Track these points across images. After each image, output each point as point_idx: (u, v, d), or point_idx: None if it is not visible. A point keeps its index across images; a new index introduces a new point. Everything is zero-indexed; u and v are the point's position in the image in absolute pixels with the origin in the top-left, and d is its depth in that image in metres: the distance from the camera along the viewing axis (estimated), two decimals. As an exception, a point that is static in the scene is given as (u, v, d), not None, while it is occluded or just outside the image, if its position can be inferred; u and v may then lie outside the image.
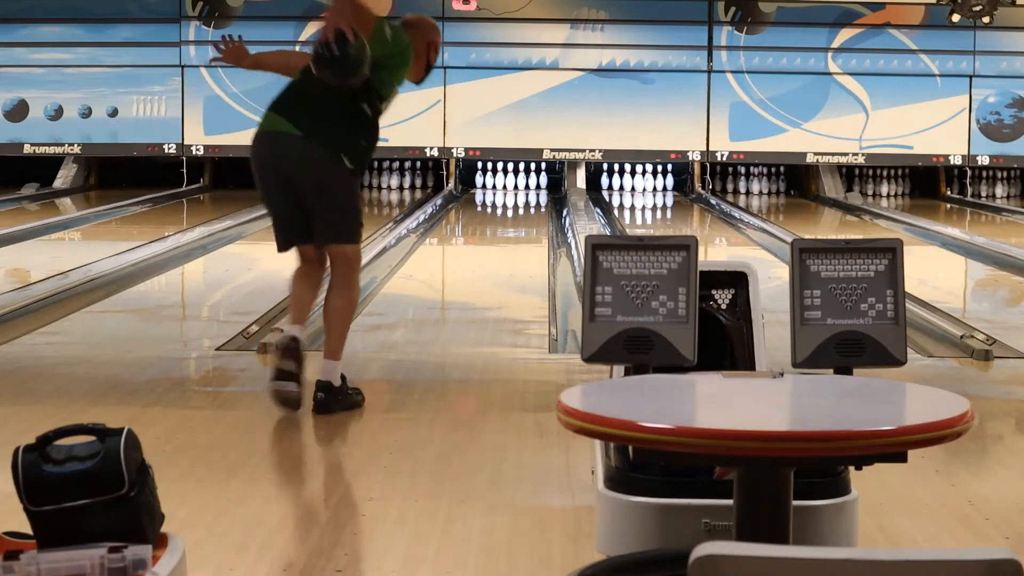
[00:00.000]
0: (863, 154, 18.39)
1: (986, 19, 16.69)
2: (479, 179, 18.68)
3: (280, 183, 5.89)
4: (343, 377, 5.88)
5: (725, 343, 4.11)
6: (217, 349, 7.23)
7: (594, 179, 18.49)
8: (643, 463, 3.50)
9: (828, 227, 15.91)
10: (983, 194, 18.74)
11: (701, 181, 18.53)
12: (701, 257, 3.90)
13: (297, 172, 5.86)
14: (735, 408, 3.07)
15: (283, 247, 6.03)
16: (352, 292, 6.00)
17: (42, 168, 18.19)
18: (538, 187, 18.57)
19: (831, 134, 18.33)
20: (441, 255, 13.16)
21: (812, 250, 3.87)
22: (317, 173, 5.87)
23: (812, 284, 3.84)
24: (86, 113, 18.37)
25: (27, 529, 3.01)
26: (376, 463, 5.05)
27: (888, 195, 18.82)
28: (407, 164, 18.53)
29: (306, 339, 5.99)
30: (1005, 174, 18.92)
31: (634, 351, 3.80)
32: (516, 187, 18.59)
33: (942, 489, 4.70)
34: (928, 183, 18.93)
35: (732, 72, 18.36)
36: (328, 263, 6.00)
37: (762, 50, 18.35)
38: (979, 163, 18.49)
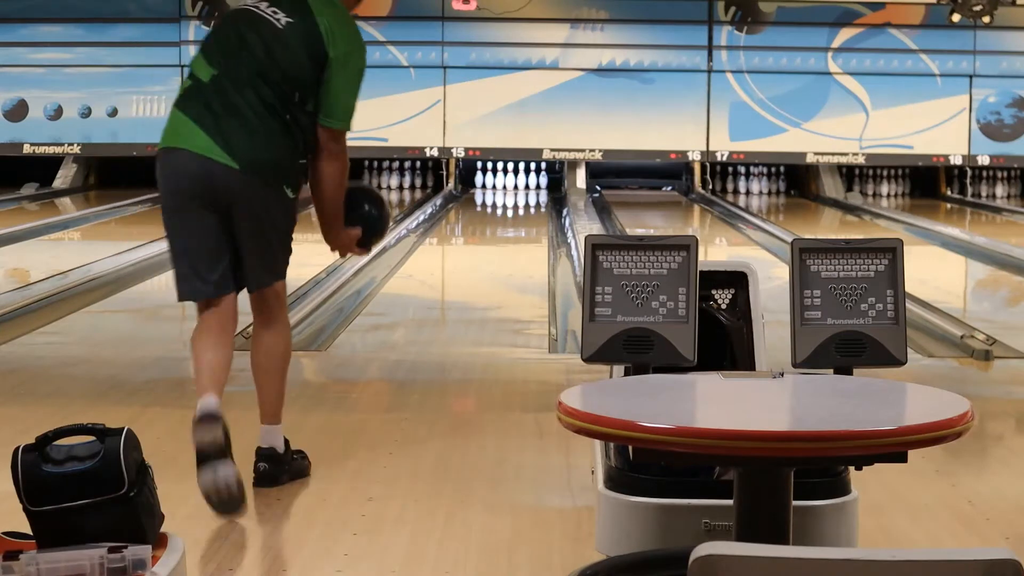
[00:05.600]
0: (863, 154, 18.39)
1: (986, 19, 16.69)
2: (479, 179, 18.68)
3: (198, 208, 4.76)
4: (286, 441, 4.87)
5: (725, 343, 4.11)
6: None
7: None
8: (643, 463, 3.50)
9: (828, 227, 15.90)
10: (983, 194, 18.73)
11: (701, 181, 18.53)
12: (701, 257, 3.90)
13: (227, 208, 4.73)
14: (735, 408, 3.07)
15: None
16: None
17: (42, 168, 18.19)
18: (538, 187, 18.57)
19: (831, 134, 18.33)
20: (441, 255, 13.16)
21: (812, 250, 3.87)
22: (249, 215, 4.74)
23: (812, 284, 3.84)
24: (86, 113, 18.37)
25: (27, 529, 3.01)
26: (376, 463, 5.05)
27: (888, 195, 18.82)
28: (407, 164, 18.53)
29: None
30: (1005, 174, 18.91)
31: (634, 351, 3.80)
32: (516, 187, 18.59)
33: (942, 489, 4.70)
34: (928, 183, 18.92)
35: (732, 72, 18.36)
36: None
37: (762, 50, 18.35)
38: (979, 163, 18.49)
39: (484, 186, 18.64)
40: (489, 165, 18.68)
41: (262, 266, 4.77)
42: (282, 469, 4.79)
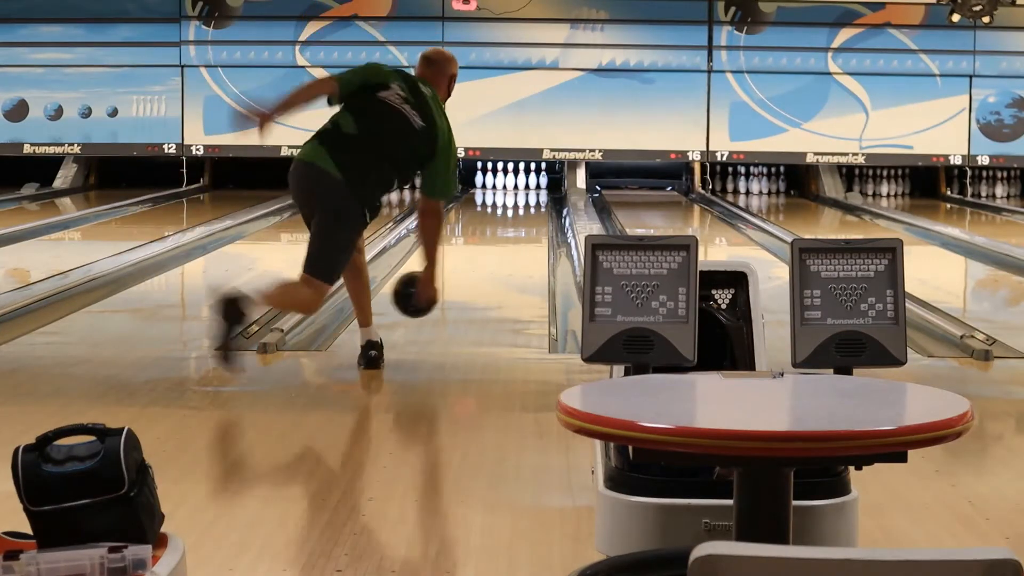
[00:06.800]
0: (863, 154, 18.39)
1: (986, 19, 16.69)
2: (479, 179, 18.69)
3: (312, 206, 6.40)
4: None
5: (725, 343, 4.11)
6: (217, 349, 7.23)
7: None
8: (643, 463, 3.50)
9: (828, 227, 15.91)
10: (983, 194, 18.74)
11: (701, 181, 18.53)
12: (701, 257, 3.89)
13: (320, 205, 6.33)
14: (735, 408, 3.07)
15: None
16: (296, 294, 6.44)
17: (42, 168, 18.20)
18: (538, 187, 18.57)
19: (831, 134, 18.33)
20: (441, 255, 13.15)
21: (812, 250, 3.87)
22: (333, 210, 6.30)
23: (812, 284, 3.84)
24: (86, 113, 18.38)
25: (27, 529, 3.01)
26: (376, 463, 5.05)
27: (888, 195, 18.82)
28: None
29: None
30: (1005, 174, 18.92)
31: (634, 351, 3.80)
32: (516, 187, 18.60)
33: (942, 489, 4.70)
34: (928, 183, 18.93)
35: (732, 72, 18.36)
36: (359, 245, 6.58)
37: (762, 50, 18.35)
38: (979, 163, 18.49)
39: (484, 186, 18.64)
40: (489, 165, 18.68)
41: (311, 250, 6.29)
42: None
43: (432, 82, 6.69)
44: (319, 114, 6.67)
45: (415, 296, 6.66)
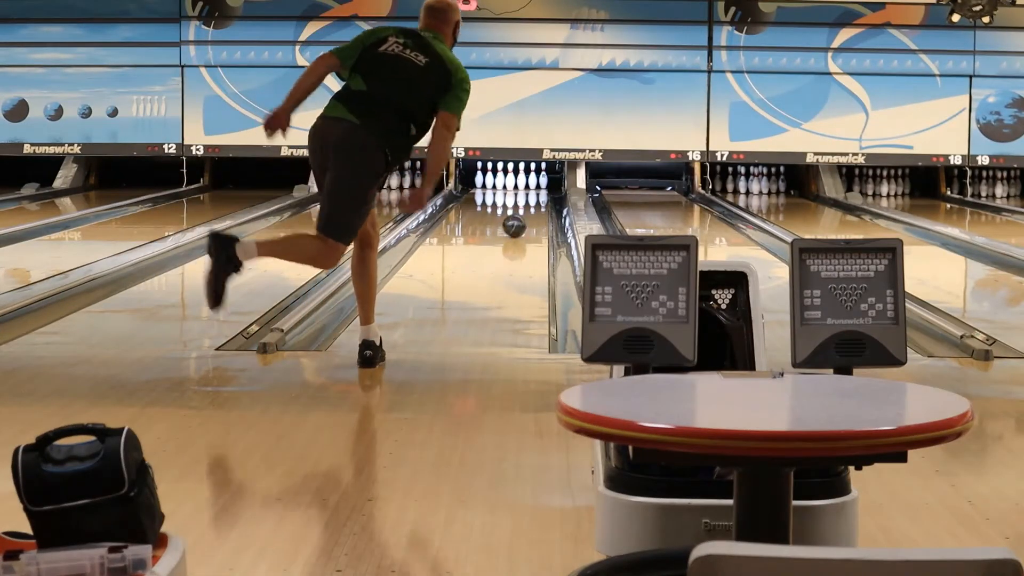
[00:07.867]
0: (863, 154, 18.39)
1: (986, 19, 16.69)
2: (479, 179, 18.69)
3: (325, 167, 6.41)
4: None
5: (725, 343, 4.11)
6: (217, 349, 7.23)
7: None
8: (643, 463, 3.50)
9: (828, 227, 15.91)
10: (983, 194, 18.74)
11: (701, 181, 18.53)
12: (701, 257, 3.90)
13: (335, 155, 6.34)
14: (735, 408, 3.07)
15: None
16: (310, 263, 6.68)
17: (42, 168, 18.20)
18: (538, 187, 18.57)
19: (831, 134, 18.33)
20: (441, 255, 13.16)
21: (812, 250, 3.87)
22: (349, 160, 6.35)
23: (812, 284, 3.84)
24: (86, 113, 18.38)
25: (27, 529, 3.01)
26: (376, 463, 5.05)
27: (888, 195, 18.82)
28: (407, 164, 18.52)
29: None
30: (1005, 174, 18.92)
31: (634, 351, 3.80)
32: (516, 187, 18.60)
33: (942, 489, 4.70)
34: (928, 183, 18.93)
35: (732, 72, 18.36)
36: (372, 241, 6.66)
37: (762, 50, 18.35)
38: (979, 163, 18.49)
39: (484, 186, 18.64)
40: (489, 165, 18.68)
41: (324, 209, 6.39)
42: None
43: (436, 30, 6.91)
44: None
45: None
